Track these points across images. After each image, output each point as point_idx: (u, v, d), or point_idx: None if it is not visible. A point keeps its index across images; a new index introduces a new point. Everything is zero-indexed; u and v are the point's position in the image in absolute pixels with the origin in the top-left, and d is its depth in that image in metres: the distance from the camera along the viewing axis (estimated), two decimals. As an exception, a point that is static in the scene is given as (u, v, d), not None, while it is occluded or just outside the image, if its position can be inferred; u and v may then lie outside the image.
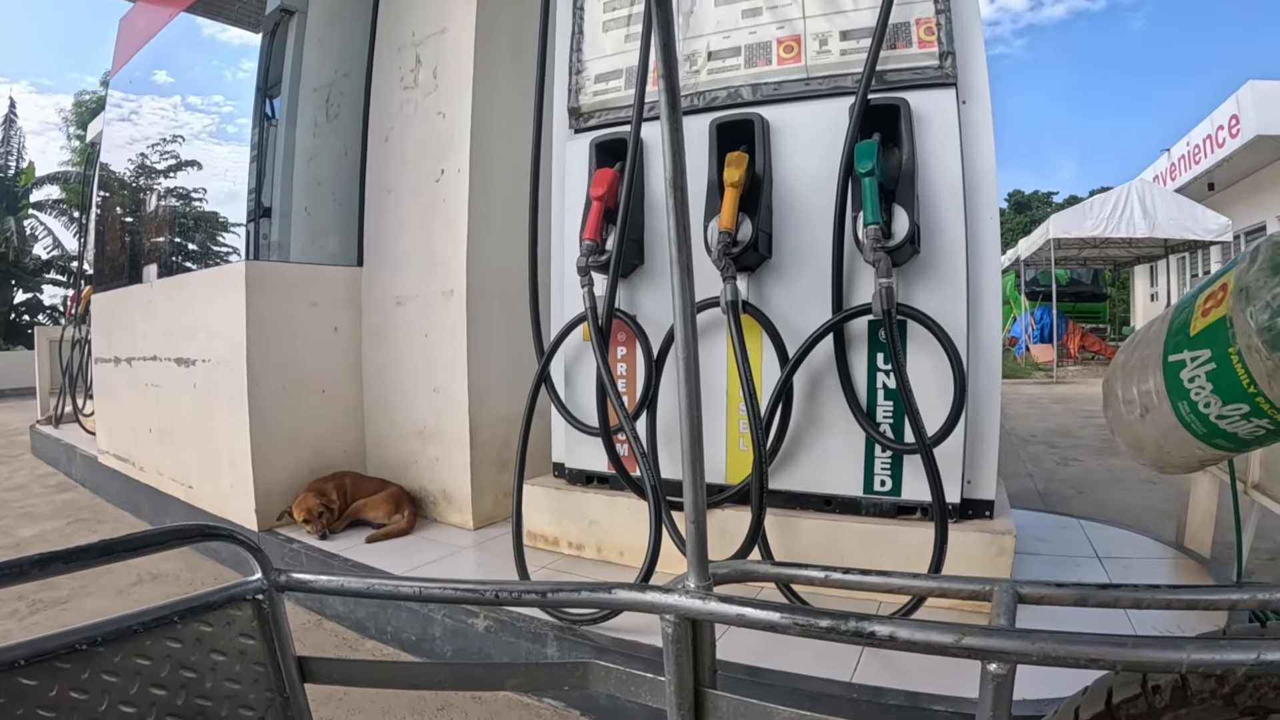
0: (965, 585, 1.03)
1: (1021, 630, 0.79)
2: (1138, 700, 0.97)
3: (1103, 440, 7.16)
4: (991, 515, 2.54)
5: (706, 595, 0.96)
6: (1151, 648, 0.76)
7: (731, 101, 2.73)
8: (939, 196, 2.46)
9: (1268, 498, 2.68)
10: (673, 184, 0.95)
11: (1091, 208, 14.03)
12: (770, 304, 2.60)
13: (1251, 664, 0.74)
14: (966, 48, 2.55)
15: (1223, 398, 1.08)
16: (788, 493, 2.64)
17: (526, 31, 3.06)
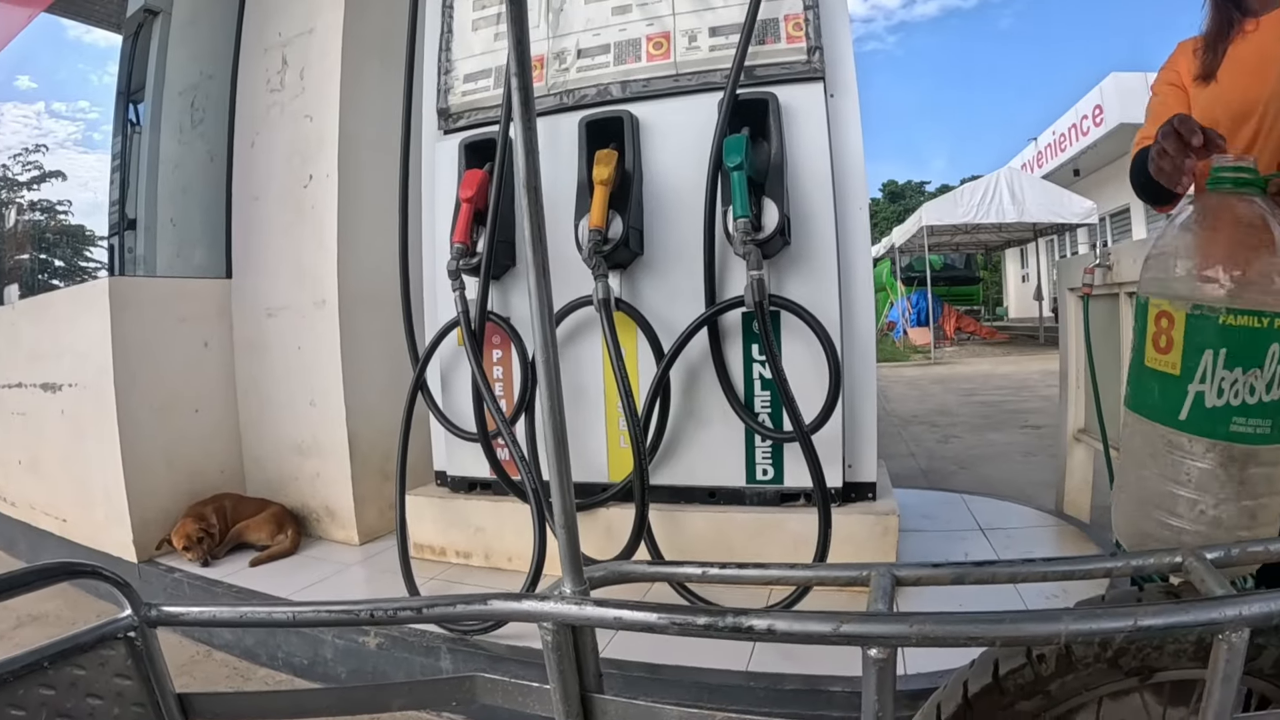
0: (843, 572, 1.02)
1: (899, 614, 0.80)
2: (1024, 670, 0.99)
3: (982, 417, 7.46)
4: (874, 497, 2.59)
5: (583, 600, 0.94)
6: (1029, 621, 0.77)
7: (601, 99, 2.72)
8: (809, 188, 2.50)
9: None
10: (527, 184, 0.92)
11: (962, 195, 14.63)
12: (644, 300, 2.60)
13: (1129, 630, 0.77)
14: (834, 42, 2.60)
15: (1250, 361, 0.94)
16: (671, 487, 2.64)
17: (396, 31, 2.98)
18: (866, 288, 2.59)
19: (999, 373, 11.67)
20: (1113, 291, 2.87)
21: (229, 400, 3.64)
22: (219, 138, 3.79)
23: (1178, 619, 0.78)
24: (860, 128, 2.60)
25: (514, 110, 0.90)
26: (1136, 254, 2.75)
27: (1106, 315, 2.96)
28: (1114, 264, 2.82)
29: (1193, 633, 0.81)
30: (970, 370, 12.37)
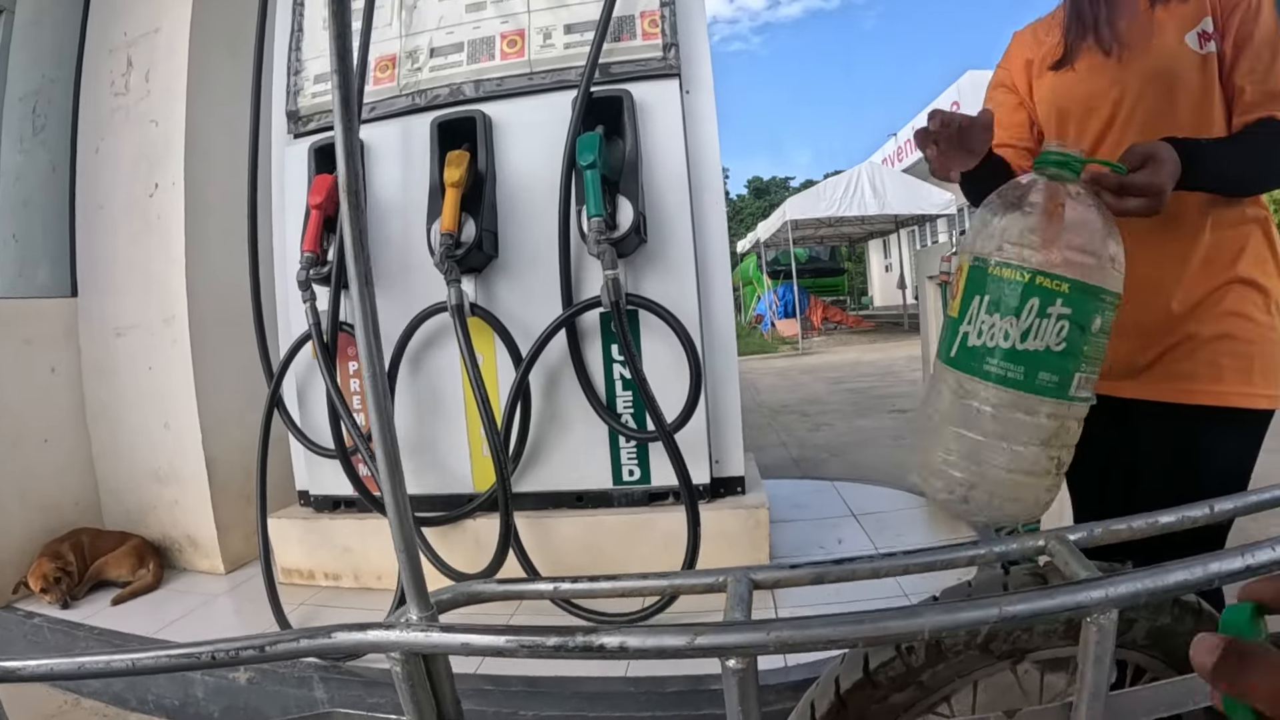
0: (699, 579, 0.98)
1: (756, 622, 0.77)
2: (894, 663, 0.99)
3: (851, 404, 7.63)
4: (744, 491, 2.59)
5: (430, 626, 0.86)
6: (890, 619, 0.75)
7: (454, 99, 2.65)
8: (664, 185, 2.48)
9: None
10: (347, 189, 0.83)
11: (825, 190, 15.17)
12: (500, 304, 2.54)
13: (994, 621, 0.76)
14: (690, 39, 2.59)
15: (1006, 308, 1.00)
16: (538, 494, 2.59)
17: (246, 29, 2.86)
18: (724, 283, 2.59)
19: (866, 360, 11.99)
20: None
21: (80, 427, 3.42)
22: (62, 146, 3.56)
23: (1043, 605, 0.78)
24: (716, 124, 2.60)
25: (335, 112, 0.83)
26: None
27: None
28: (968, 250, 2.88)
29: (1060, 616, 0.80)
30: (838, 359, 12.68)
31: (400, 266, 2.62)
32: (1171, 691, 0.94)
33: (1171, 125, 1.28)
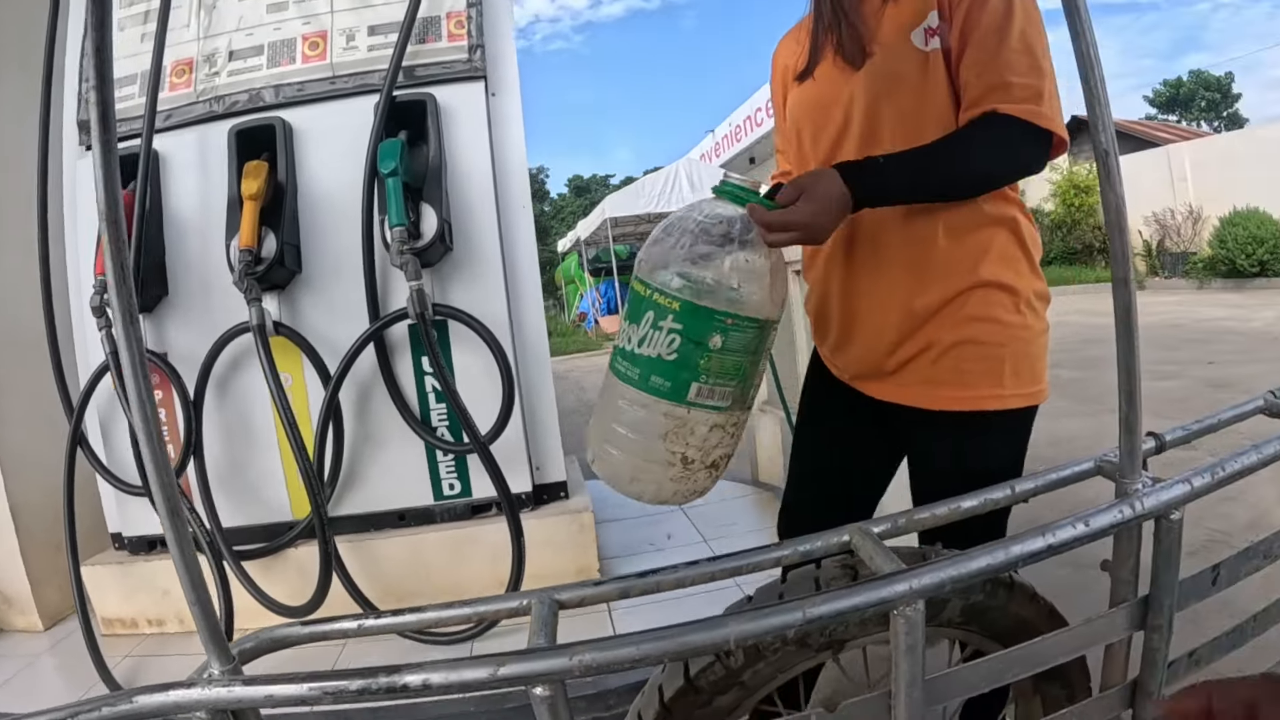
0: (504, 604, 0.99)
1: (560, 647, 0.78)
2: (714, 667, 1.00)
3: None
4: (567, 495, 2.59)
5: (232, 680, 0.83)
6: (695, 633, 0.77)
7: (253, 105, 2.52)
8: (470, 191, 2.44)
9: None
10: (107, 217, 0.79)
11: (644, 186, 15.70)
12: (306, 321, 2.44)
13: (799, 625, 0.79)
14: (496, 41, 2.55)
15: (633, 317, 1.15)
16: (358, 516, 2.50)
17: (34, 36, 2.65)
18: (534, 287, 2.57)
19: None
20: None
21: None
22: None
23: (848, 603, 0.81)
24: (522, 126, 2.57)
25: (92, 128, 0.78)
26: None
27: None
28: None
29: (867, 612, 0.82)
30: None
31: (201, 286, 2.48)
32: (988, 669, 0.97)
33: (902, 128, 1.28)
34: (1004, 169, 1.26)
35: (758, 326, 1.12)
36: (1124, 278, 0.96)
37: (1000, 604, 1.09)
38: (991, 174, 1.25)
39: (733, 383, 1.13)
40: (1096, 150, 0.92)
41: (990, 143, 1.21)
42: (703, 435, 1.14)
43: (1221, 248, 12.96)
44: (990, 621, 1.10)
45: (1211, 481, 1.03)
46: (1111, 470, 1.10)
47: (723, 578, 1.03)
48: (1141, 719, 1.11)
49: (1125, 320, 0.98)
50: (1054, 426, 4.89)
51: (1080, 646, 1.04)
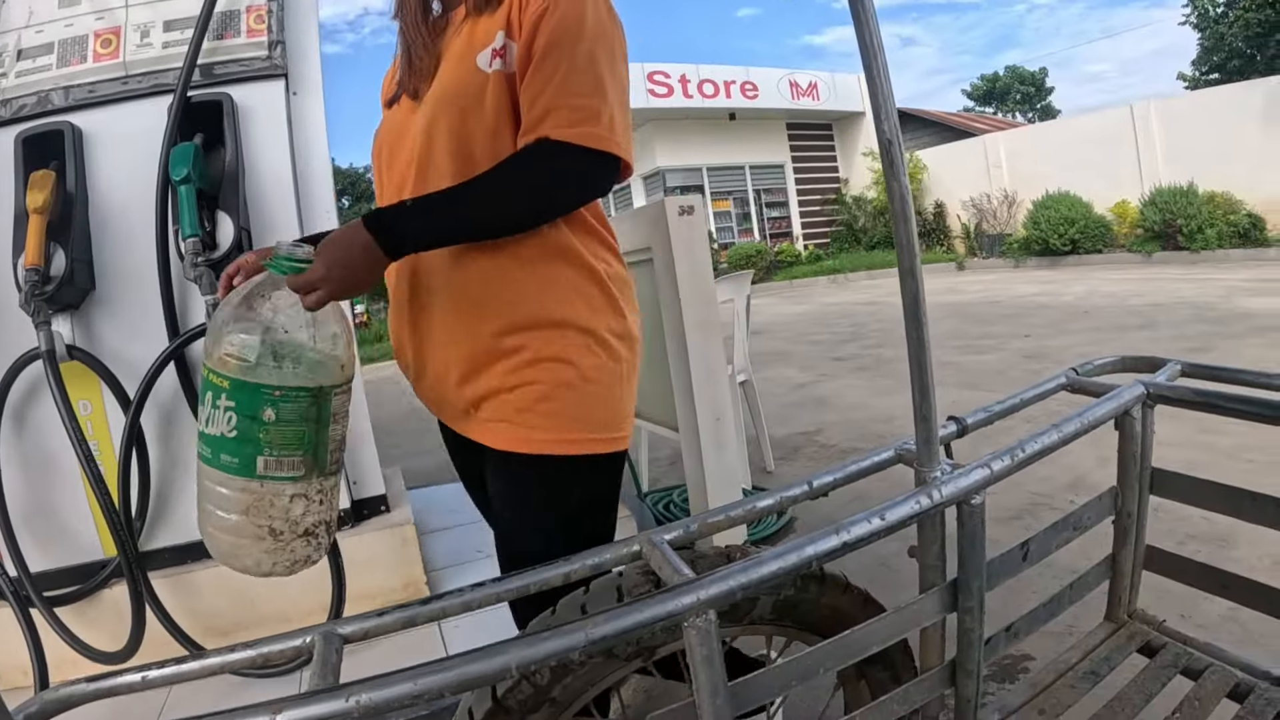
0: (287, 644, 0.93)
1: (339, 688, 0.74)
2: (521, 686, 0.97)
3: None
4: (388, 508, 2.54)
5: None
6: (474, 663, 0.76)
7: (42, 109, 2.30)
8: (270, 196, 2.33)
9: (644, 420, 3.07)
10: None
11: None
12: (103, 343, 2.27)
13: (583, 647, 0.78)
14: (299, 36, 2.45)
15: (201, 396, 1.16)
16: (175, 548, 2.35)
17: None
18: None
19: None
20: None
21: None
22: None
23: (634, 619, 0.80)
24: (324, 126, 2.47)
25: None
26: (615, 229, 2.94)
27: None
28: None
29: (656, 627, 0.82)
30: None
31: (-15, 309, 2.26)
32: (797, 667, 0.97)
33: (459, 157, 1.22)
34: (555, 199, 1.19)
35: (310, 395, 1.12)
36: (910, 268, 0.97)
37: (812, 597, 1.11)
38: (538, 206, 1.18)
39: (299, 452, 1.13)
40: (880, 139, 0.94)
41: (536, 172, 1.15)
42: (284, 507, 1.13)
43: (1035, 229, 14.34)
44: (804, 615, 1.11)
45: (1011, 464, 1.08)
46: (911, 458, 1.13)
47: (510, 597, 1.03)
48: (964, 696, 1.15)
49: (914, 312, 1.00)
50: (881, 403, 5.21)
51: (894, 634, 1.05)
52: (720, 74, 17.98)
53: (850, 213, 19.28)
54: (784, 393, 5.91)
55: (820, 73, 19.38)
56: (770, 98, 18.47)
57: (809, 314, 11.13)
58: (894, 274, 0.99)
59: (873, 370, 6.37)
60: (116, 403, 2.21)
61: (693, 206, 2.50)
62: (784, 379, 6.45)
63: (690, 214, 2.50)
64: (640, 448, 3.31)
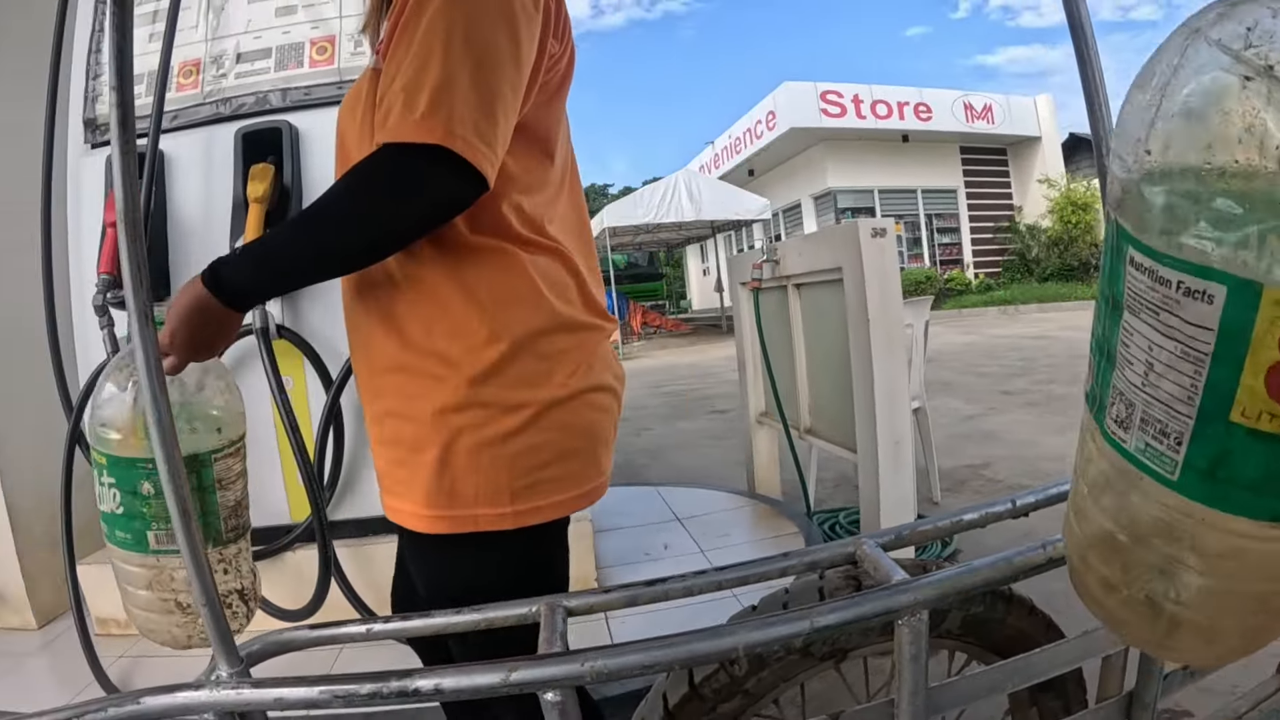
0: (514, 611, 0.97)
1: (571, 653, 0.78)
2: (718, 675, 1.00)
3: (670, 407, 7.93)
4: (566, 504, 2.60)
5: (241, 683, 0.84)
6: (703, 640, 0.78)
7: (260, 108, 2.53)
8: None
9: (819, 439, 3.02)
10: (126, 217, 0.80)
11: (643, 197, 15.84)
12: (308, 324, 2.45)
13: (806, 634, 0.80)
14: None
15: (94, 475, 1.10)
16: (357, 520, 2.51)
17: (43, 29, 2.65)
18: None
19: (685, 363, 12.52)
20: (781, 284, 3.06)
21: None
22: None
23: (854, 613, 0.82)
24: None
25: (112, 131, 0.79)
26: (801, 248, 2.95)
27: (777, 304, 3.18)
28: (781, 258, 3.00)
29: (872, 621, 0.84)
30: (657, 363, 13.18)
31: (204, 286, 2.50)
32: (988, 679, 0.99)
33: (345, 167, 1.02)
34: (396, 220, 0.92)
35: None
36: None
37: (999, 616, 1.11)
38: (372, 235, 0.93)
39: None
40: (1100, 170, 0.92)
41: (365, 191, 0.93)
42: (184, 579, 1.10)
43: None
44: (989, 633, 1.13)
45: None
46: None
47: (729, 587, 1.04)
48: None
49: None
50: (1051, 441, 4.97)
51: (1077, 658, 1.05)
52: (894, 95, 17.73)
53: (1024, 242, 18.50)
54: (951, 424, 5.71)
55: (995, 95, 18.82)
56: (944, 120, 18.06)
57: (977, 345, 10.72)
58: (1067, 307, 0.95)
59: (1043, 406, 6.07)
60: (318, 380, 2.38)
61: (885, 229, 2.51)
62: (951, 410, 6.23)
63: (882, 236, 2.50)
64: (810, 466, 3.32)
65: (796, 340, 3.15)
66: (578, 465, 1.07)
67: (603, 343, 1.13)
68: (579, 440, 1.06)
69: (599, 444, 1.10)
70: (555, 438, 1.03)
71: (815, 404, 3.13)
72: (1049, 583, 1.03)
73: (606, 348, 1.14)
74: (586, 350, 1.09)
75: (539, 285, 1.04)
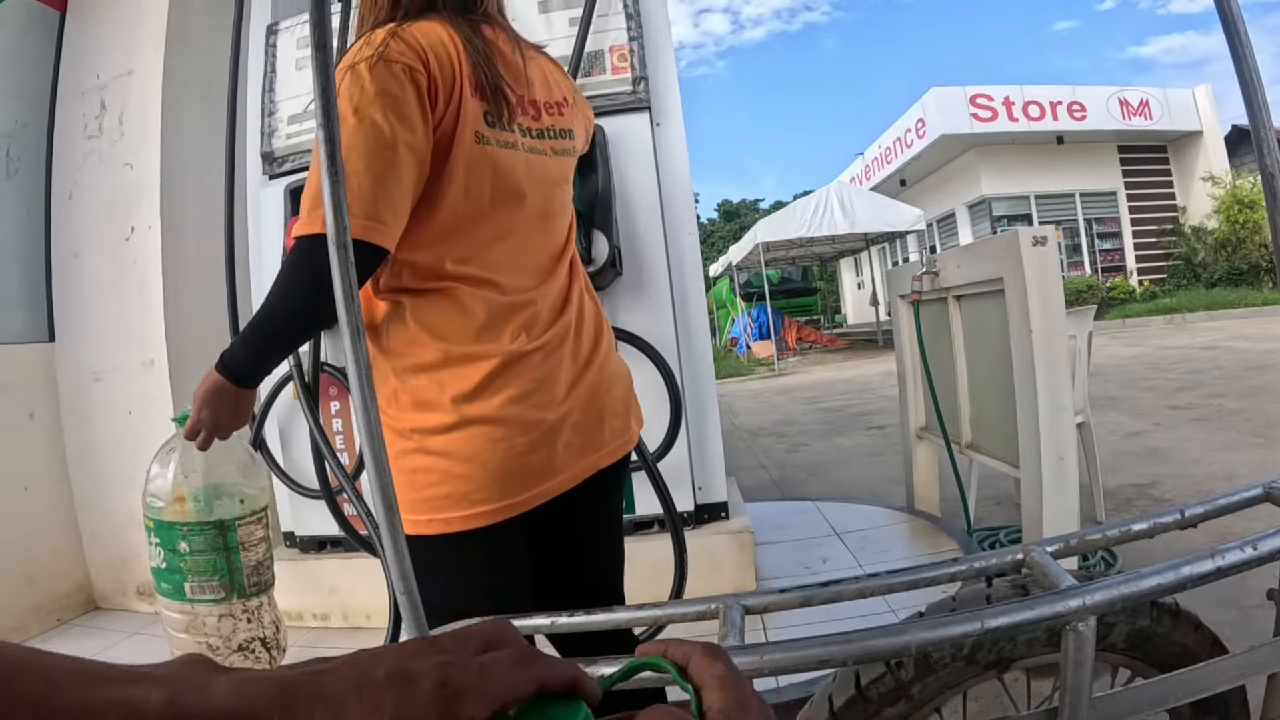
0: (692, 608, 1.04)
1: (750, 645, 0.83)
2: (885, 678, 1.04)
3: (827, 423, 7.84)
4: (728, 515, 2.71)
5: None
6: (877, 638, 0.81)
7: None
8: (638, 218, 2.60)
9: (980, 454, 3.02)
10: (335, 241, 0.89)
11: (795, 211, 15.83)
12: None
13: (977, 634, 0.82)
14: (659, 72, 2.71)
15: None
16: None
17: (218, 71, 2.96)
18: (700, 311, 2.71)
19: (841, 378, 12.35)
20: (941, 296, 3.08)
21: (60, 474, 3.52)
22: (36, 190, 3.66)
23: (1024, 617, 0.84)
24: (687, 155, 2.72)
25: (321, 165, 0.89)
26: (960, 259, 2.97)
27: (937, 317, 3.19)
28: (940, 269, 3.03)
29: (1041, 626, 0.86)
30: (813, 378, 13.03)
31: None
32: (1152, 692, 0.99)
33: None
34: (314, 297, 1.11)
35: (215, 527, 1.39)
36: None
37: (1165, 631, 1.11)
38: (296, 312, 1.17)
39: (215, 578, 1.40)
40: (1262, 172, 0.91)
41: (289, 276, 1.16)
42: (214, 625, 1.38)
43: None
44: (1154, 648, 1.12)
45: None
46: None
47: (901, 590, 1.07)
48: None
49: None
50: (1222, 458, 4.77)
51: (1242, 675, 1.04)
52: (1045, 94, 17.16)
53: (1189, 245, 17.50)
54: (1115, 440, 5.52)
55: (1151, 89, 17.90)
56: (1099, 118, 17.32)
57: (1143, 357, 10.24)
58: (1237, 315, 0.95)
59: (1213, 422, 5.78)
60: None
61: (1046, 237, 2.49)
62: (1115, 425, 6.02)
63: (1043, 245, 2.49)
64: (970, 482, 3.32)
65: (957, 353, 3.16)
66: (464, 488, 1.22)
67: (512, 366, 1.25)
68: (461, 466, 1.22)
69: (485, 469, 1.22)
70: (436, 462, 1.22)
71: (976, 418, 3.13)
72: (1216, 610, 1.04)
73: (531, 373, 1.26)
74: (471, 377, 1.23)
75: (415, 329, 1.23)
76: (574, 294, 1.36)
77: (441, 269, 1.23)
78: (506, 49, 1.30)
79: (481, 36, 1.26)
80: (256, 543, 1.43)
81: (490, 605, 1.11)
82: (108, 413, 3.42)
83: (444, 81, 1.19)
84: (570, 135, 1.40)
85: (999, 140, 17.19)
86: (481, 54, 1.24)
